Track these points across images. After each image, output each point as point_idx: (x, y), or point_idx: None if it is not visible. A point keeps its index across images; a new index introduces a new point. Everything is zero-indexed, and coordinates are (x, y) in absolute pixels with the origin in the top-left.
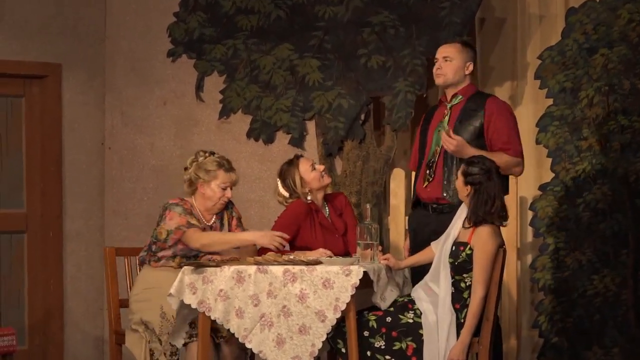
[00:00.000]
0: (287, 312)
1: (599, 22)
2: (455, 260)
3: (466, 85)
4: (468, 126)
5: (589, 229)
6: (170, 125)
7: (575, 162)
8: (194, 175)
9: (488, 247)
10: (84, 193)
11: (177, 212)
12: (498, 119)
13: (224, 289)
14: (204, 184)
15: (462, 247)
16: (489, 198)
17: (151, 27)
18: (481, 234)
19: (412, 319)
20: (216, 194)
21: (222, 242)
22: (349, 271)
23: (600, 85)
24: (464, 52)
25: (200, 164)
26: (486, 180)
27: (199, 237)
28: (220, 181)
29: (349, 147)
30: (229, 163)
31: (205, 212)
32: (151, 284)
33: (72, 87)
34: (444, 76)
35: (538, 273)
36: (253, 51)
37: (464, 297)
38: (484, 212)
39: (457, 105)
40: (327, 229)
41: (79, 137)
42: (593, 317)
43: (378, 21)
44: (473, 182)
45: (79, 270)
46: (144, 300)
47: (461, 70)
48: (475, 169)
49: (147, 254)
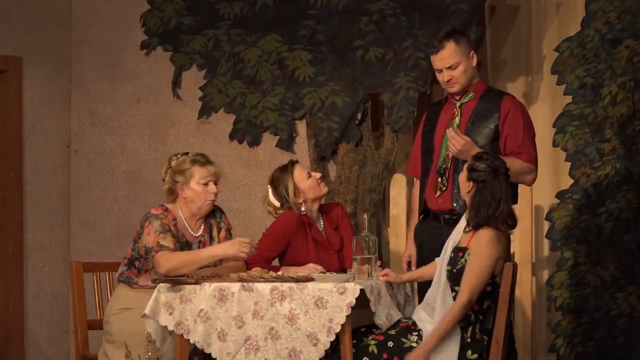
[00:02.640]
0: (275, 335)
1: (624, 10)
2: (454, 267)
3: (477, 81)
4: (482, 129)
5: (612, 242)
6: (144, 125)
7: (597, 167)
8: (170, 182)
9: (484, 252)
10: (47, 201)
11: (153, 228)
12: (513, 119)
13: (205, 308)
14: (183, 187)
15: (461, 252)
16: (493, 200)
17: (123, 16)
18: (480, 237)
19: (416, 342)
20: (199, 193)
21: (188, 264)
22: (343, 289)
23: (625, 80)
24: (461, 47)
25: (174, 169)
26: (492, 179)
27: (164, 262)
28: (198, 177)
29: (344, 150)
30: (204, 157)
31: (192, 220)
32: (131, 303)
33: (34, 82)
34: (458, 84)
35: (555, 291)
36: (237, 43)
37: (468, 313)
38: (486, 215)
39: (468, 104)
40: (320, 244)
41: (41, 139)
42: (617, 339)
43: (377, 9)
44: (477, 179)
45: (41, 288)
46: (125, 320)
47: (470, 67)
48: (482, 165)
49: (128, 270)
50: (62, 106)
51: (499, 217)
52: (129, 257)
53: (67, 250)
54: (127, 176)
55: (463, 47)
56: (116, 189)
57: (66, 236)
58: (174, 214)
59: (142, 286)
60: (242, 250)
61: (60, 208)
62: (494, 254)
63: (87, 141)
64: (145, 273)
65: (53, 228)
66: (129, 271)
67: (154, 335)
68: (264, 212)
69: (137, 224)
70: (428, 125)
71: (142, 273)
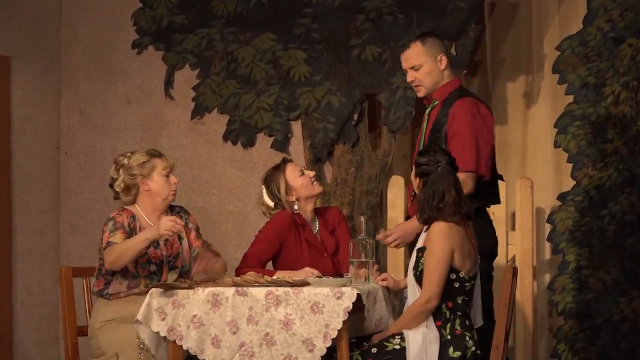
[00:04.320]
0: (270, 341)
1: (627, 8)
2: (417, 269)
3: (444, 84)
4: (438, 138)
5: (614, 245)
6: (135, 126)
7: (599, 168)
8: (128, 178)
9: (435, 246)
10: (36, 205)
11: (107, 230)
12: (455, 122)
13: (198, 314)
14: (145, 180)
15: (421, 253)
16: (436, 192)
17: (114, 14)
18: (431, 232)
19: (399, 344)
20: (163, 185)
21: (125, 251)
22: (340, 293)
23: (628, 80)
24: (427, 48)
25: (129, 165)
26: (435, 170)
27: (106, 256)
28: (161, 168)
29: (341, 151)
30: (157, 150)
31: (154, 216)
32: (112, 315)
33: (23, 82)
34: (422, 87)
35: (557, 295)
36: (230, 41)
37: (442, 311)
38: (431, 207)
39: (434, 111)
40: (314, 246)
41: (30, 140)
42: (620, 345)
43: (373, 7)
44: (421, 174)
45: (30, 293)
46: (111, 332)
47: (436, 70)
48: (423, 159)
49: (96, 280)
50: (52, 106)
51: (445, 208)
52: (98, 267)
53: (56, 255)
54: None
55: (430, 48)
56: (107, 191)
57: (56, 240)
58: (132, 212)
59: (116, 294)
60: (166, 229)
61: (49, 211)
62: (446, 247)
63: (77, 142)
64: (112, 278)
65: (42, 232)
66: (98, 280)
67: (147, 341)
68: (258, 214)
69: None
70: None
71: (109, 278)
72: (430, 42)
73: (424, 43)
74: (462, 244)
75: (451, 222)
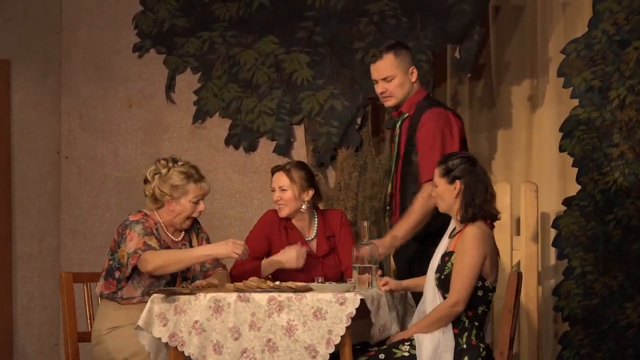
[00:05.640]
0: (272, 347)
1: (632, 11)
2: (442, 273)
3: (411, 96)
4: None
5: (620, 250)
6: (136, 130)
7: (605, 173)
8: (158, 191)
9: (470, 252)
10: (36, 209)
11: (136, 233)
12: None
13: (200, 320)
14: (172, 202)
15: (447, 257)
16: (482, 185)
17: (115, 17)
18: (465, 237)
19: (408, 351)
20: (187, 210)
21: (177, 261)
22: (343, 299)
23: (634, 83)
24: (400, 60)
25: (165, 178)
26: (472, 167)
27: (152, 259)
28: (192, 196)
29: (344, 155)
30: (198, 171)
31: (171, 227)
32: (120, 321)
33: (23, 86)
34: (393, 98)
35: (562, 301)
36: (232, 45)
37: (461, 319)
38: (481, 202)
39: (404, 124)
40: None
41: (30, 144)
42: (625, 351)
43: (377, 9)
44: (459, 175)
45: (31, 299)
46: (121, 338)
47: (407, 83)
48: (457, 160)
49: (106, 282)
50: (52, 110)
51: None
52: (107, 269)
53: (57, 260)
54: (119, 183)
55: (402, 60)
56: (108, 196)
57: (56, 245)
58: (154, 219)
59: (129, 299)
60: (234, 251)
61: (50, 216)
62: (480, 252)
63: (77, 147)
64: (127, 283)
65: (42, 237)
66: (107, 282)
67: (147, 347)
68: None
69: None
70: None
71: (124, 283)
72: (402, 54)
73: (397, 55)
74: (493, 252)
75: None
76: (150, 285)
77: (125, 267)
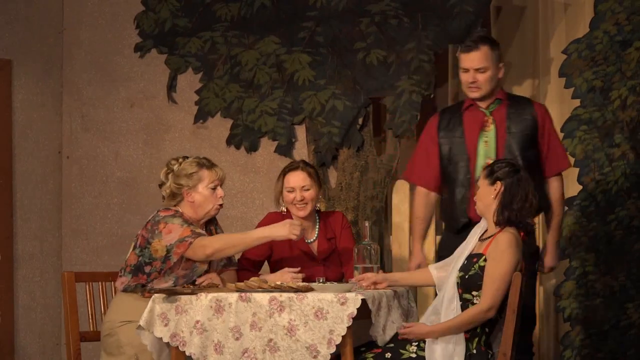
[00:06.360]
0: (273, 347)
1: (634, 11)
2: (466, 273)
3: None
4: (519, 136)
5: (621, 250)
6: (138, 130)
7: (606, 173)
8: (174, 186)
9: (504, 257)
10: (38, 209)
11: (177, 224)
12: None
13: (201, 320)
14: (190, 191)
15: (476, 258)
16: (523, 191)
17: (116, 17)
18: (499, 242)
19: (415, 352)
20: (208, 198)
21: (236, 244)
22: (344, 299)
23: (635, 84)
24: (495, 54)
25: (178, 172)
26: (515, 172)
27: (210, 243)
28: (208, 181)
29: (345, 155)
30: (209, 160)
31: (196, 223)
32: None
33: (24, 86)
34: (481, 90)
35: (563, 301)
36: (233, 45)
37: None
38: (519, 207)
39: (499, 111)
40: (304, 252)
41: (32, 145)
42: (627, 351)
43: (378, 10)
44: (502, 177)
45: (32, 299)
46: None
47: (496, 77)
48: (502, 164)
49: (135, 277)
50: (53, 111)
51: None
52: (135, 264)
53: (58, 260)
54: (120, 183)
55: (496, 55)
56: (109, 196)
57: (58, 245)
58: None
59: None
60: (293, 232)
61: (51, 216)
62: (516, 258)
63: (79, 147)
64: (161, 275)
65: (44, 237)
66: (136, 278)
67: (150, 347)
68: (262, 219)
69: (131, 232)
70: (446, 133)
71: (155, 275)
72: (497, 48)
73: (492, 48)
74: (520, 262)
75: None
76: (184, 276)
77: (159, 260)
